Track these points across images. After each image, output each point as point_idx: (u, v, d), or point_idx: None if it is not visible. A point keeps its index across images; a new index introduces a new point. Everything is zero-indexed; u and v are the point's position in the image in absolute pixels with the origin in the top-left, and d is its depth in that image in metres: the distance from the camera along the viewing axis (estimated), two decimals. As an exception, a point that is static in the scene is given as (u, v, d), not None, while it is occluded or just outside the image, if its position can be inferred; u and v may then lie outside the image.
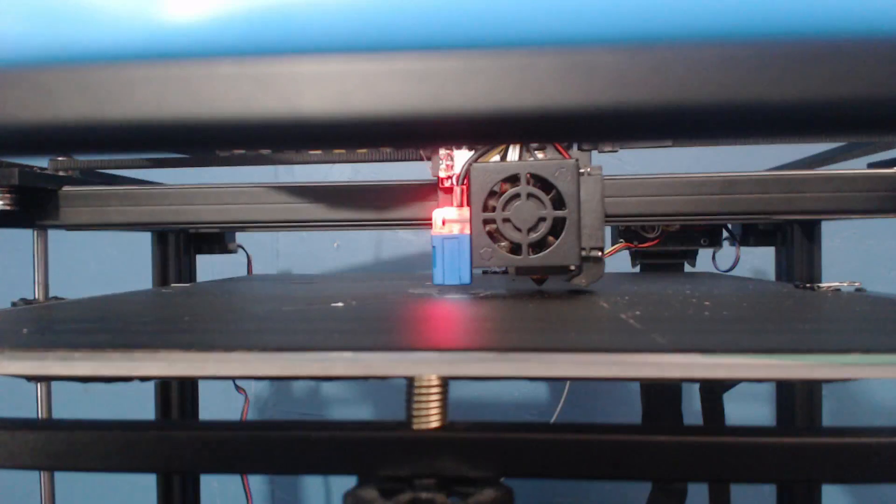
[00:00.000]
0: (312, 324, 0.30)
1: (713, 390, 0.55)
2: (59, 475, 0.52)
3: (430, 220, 0.41)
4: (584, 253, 0.40)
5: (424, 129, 0.15)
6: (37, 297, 0.50)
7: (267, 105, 0.14)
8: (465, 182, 0.40)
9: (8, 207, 0.45)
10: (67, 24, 0.15)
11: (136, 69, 0.15)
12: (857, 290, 0.46)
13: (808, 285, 0.48)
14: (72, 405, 0.84)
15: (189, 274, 0.63)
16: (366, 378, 0.21)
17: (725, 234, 0.59)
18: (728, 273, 0.59)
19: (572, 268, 0.39)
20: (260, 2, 0.15)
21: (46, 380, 0.45)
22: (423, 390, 0.21)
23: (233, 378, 0.22)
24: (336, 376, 0.22)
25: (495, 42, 0.14)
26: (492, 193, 0.40)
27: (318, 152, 0.48)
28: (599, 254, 0.40)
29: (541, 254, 0.39)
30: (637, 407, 0.58)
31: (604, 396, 0.89)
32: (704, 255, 0.60)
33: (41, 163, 0.50)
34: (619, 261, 0.59)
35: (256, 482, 0.91)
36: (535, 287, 0.45)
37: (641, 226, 0.56)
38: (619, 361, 0.21)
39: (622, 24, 0.14)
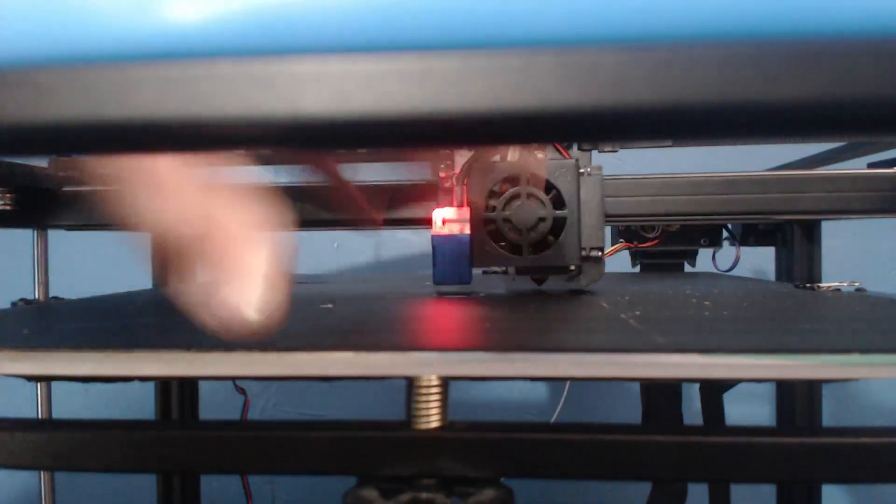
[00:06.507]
0: (312, 324, 0.30)
1: (713, 390, 0.55)
2: (59, 475, 0.52)
3: (430, 220, 0.41)
4: (584, 253, 0.40)
5: (424, 130, 0.15)
6: (37, 297, 0.50)
7: (267, 105, 0.14)
8: (465, 182, 0.40)
9: (8, 207, 0.45)
10: (67, 24, 0.15)
11: (136, 69, 0.15)
12: (857, 290, 0.46)
13: (808, 285, 0.48)
14: (72, 405, 0.83)
15: (189, 274, 0.63)
16: (366, 378, 0.21)
17: (725, 234, 0.59)
18: (728, 273, 0.59)
19: (572, 268, 0.39)
20: (260, 2, 0.15)
21: (46, 380, 0.45)
22: (424, 390, 0.21)
23: (233, 378, 0.22)
24: (336, 376, 0.22)
25: (495, 42, 0.14)
26: (492, 193, 0.40)
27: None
28: (599, 254, 0.40)
29: (541, 254, 0.39)
30: (637, 407, 0.58)
31: (604, 396, 0.89)
32: (704, 255, 0.60)
33: (41, 163, 0.50)
34: (619, 261, 0.59)
35: (256, 482, 0.91)
36: (535, 287, 0.45)
37: (641, 226, 0.56)
38: (619, 361, 0.21)
39: (622, 24, 0.14)
